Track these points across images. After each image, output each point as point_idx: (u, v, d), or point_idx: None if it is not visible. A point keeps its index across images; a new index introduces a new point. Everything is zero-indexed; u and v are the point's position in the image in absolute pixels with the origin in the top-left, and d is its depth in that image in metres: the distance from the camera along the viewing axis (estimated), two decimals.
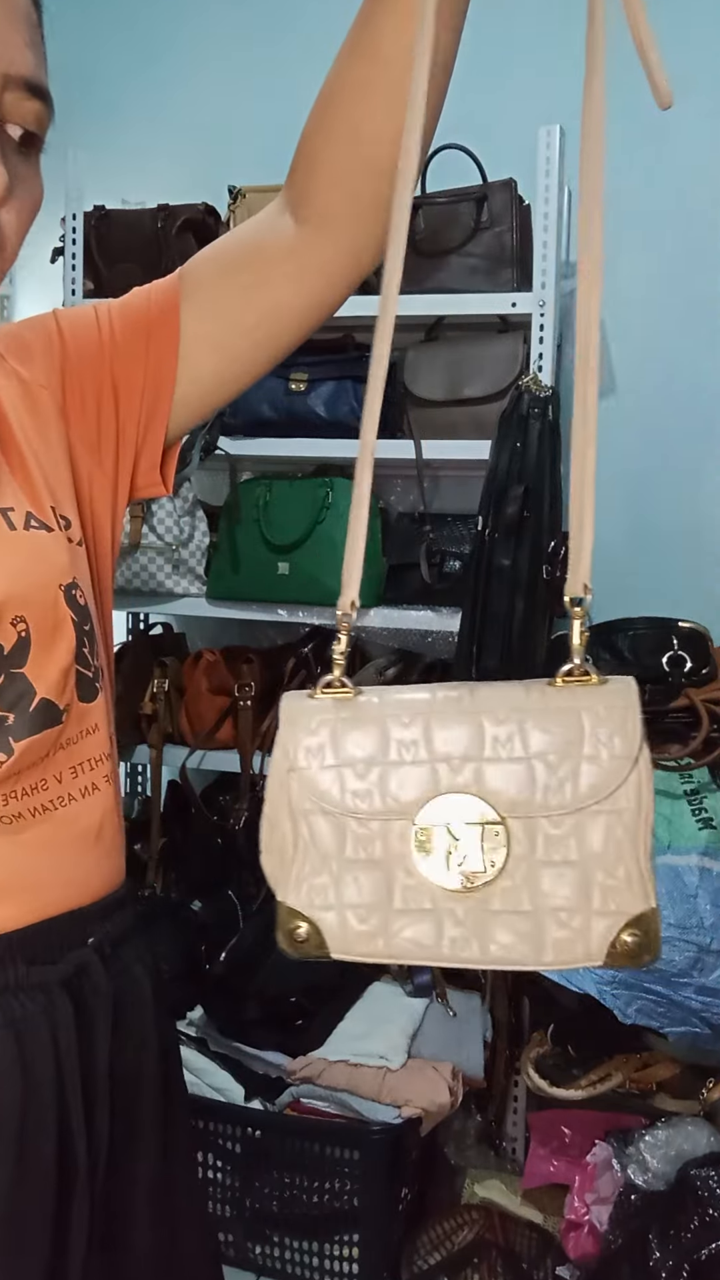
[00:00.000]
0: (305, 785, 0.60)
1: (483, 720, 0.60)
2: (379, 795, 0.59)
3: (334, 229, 0.81)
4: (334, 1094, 1.84)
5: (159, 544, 2.19)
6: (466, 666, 1.89)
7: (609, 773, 0.59)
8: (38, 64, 0.73)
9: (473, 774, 0.59)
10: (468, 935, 0.59)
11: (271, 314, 0.85)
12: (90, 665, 0.79)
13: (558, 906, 0.59)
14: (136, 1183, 0.82)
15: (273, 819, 0.61)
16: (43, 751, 0.76)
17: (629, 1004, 1.56)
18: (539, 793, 0.59)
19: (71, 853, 0.79)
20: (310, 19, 2.40)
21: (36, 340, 0.85)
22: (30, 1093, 0.74)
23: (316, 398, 2.10)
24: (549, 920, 0.59)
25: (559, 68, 2.17)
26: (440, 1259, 1.80)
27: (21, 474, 0.79)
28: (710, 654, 1.74)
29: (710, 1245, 1.50)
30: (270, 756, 0.62)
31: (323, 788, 0.60)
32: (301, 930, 0.59)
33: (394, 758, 0.60)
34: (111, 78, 2.59)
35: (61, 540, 0.79)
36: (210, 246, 0.88)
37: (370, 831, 0.59)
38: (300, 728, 0.61)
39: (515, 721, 0.60)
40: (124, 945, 0.83)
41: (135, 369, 0.85)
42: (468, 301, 2.00)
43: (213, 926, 2.13)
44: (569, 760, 0.59)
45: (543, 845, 0.59)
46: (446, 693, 0.61)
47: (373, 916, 0.59)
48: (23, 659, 0.73)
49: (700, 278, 2.22)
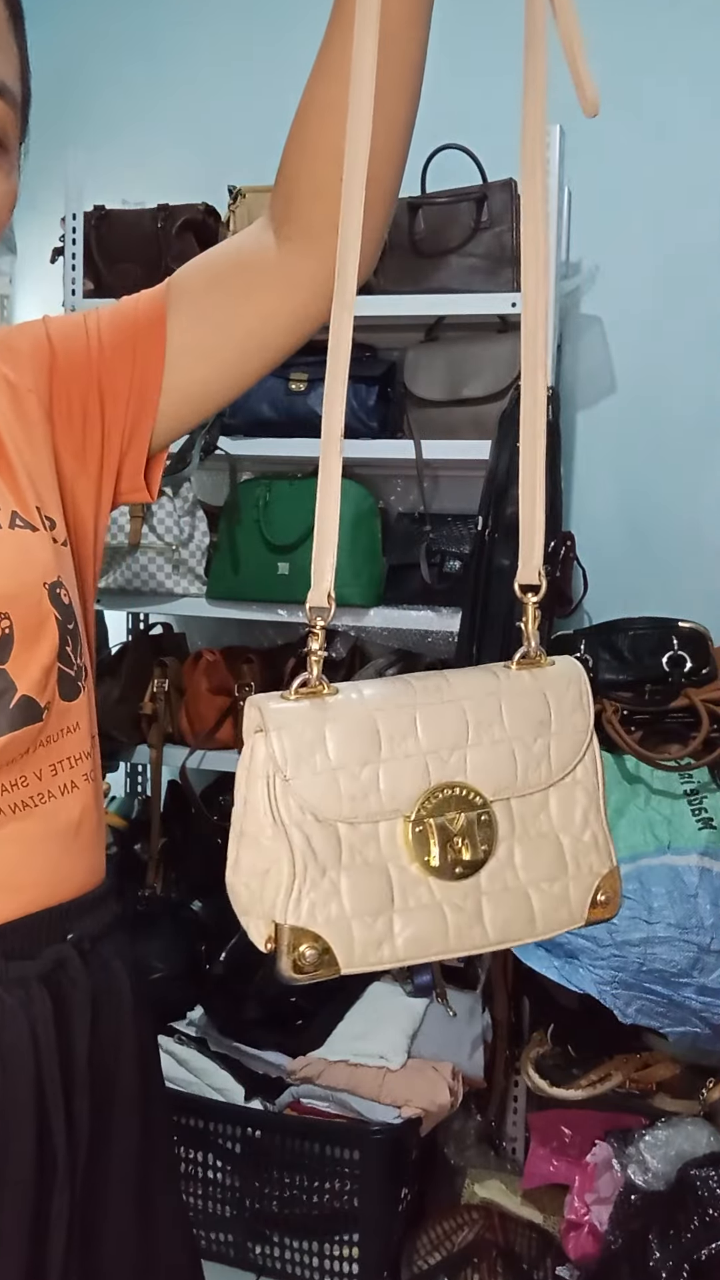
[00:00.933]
0: (296, 794, 0.57)
1: (464, 707, 0.61)
2: (374, 796, 0.58)
3: (317, 243, 0.82)
4: (334, 1094, 1.84)
5: (159, 544, 2.19)
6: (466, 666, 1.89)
7: (572, 746, 0.63)
8: (5, 64, 0.74)
9: (460, 762, 0.60)
10: (470, 920, 0.59)
11: (259, 326, 0.86)
12: (73, 664, 0.80)
13: (539, 877, 0.62)
14: (112, 1179, 0.83)
15: (256, 836, 0.58)
16: (22, 748, 0.76)
17: (629, 1004, 1.56)
18: (519, 773, 0.62)
19: (50, 849, 0.80)
20: (310, 19, 2.39)
21: (25, 345, 0.87)
22: (7, 1087, 0.75)
23: (316, 398, 2.10)
24: (533, 891, 0.61)
25: (559, 68, 2.17)
26: (440, 1259, 1.80)
27: (7, 475, 0.80)
28: (710, 654, 1.74)
29: (710, 1245, 1.51)
30: (246, 765, 0.59)
31: (316, 795, 0.57)
32: (307, 951, 0.56)
33: (386, 755, 0.59)
34: (111, 78, 2.59)
35: (46, 540, 0.79)
36: (199, 257, 0.89)
37: (365, 834, 0.58)
38: (286, 732, 0.57)
39: (493, 706, 0.62)
40: (104, 941, 0.84)
41: (121, 377, 0.86)
42: (468, 301, 2.00)
43: (213, 926, 2.13)
44: (541, 738, 0.62)
45: (521, 823, 0.62)
46: (424, 682, 0.62)
47: (379, 922, 0.58)
48: (5, 656, 0.74)
49: (701, 278, 2.22)
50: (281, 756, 0.57)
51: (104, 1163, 0.82)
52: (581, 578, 2.09)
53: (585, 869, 0.63)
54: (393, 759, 0.59)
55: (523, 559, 0.65)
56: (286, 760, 0.57)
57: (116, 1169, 0.83)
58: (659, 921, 1.55)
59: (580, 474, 2.30)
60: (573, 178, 2.10)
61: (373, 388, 2.10)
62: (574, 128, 2.04)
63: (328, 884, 0.57)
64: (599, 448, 2.30)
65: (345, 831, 0.57)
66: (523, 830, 0.61)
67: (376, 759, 0.59)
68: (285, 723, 0.57)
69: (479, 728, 0.61)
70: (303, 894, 0.56)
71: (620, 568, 2.18)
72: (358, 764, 0.58)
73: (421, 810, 0.59)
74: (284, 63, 2.51)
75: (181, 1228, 0.93)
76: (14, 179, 0.78)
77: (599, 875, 0.63)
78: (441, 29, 0.77)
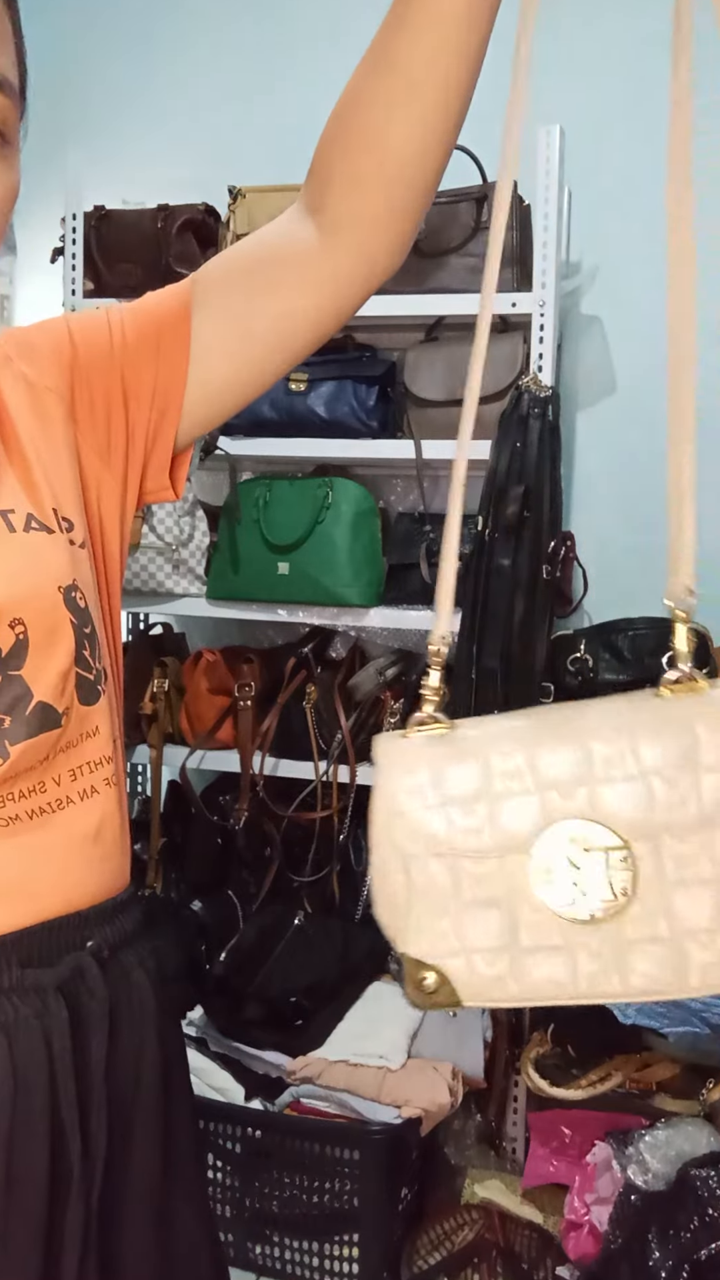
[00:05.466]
0: (411, 829, 0.57)
1: (589, 741, 0.57)
2: (489, 831, 0.57)
3: (349, 236, 0.81)
4: (334, 1094, 1.84)
5: (159, 544, 2.19)
6: (466, 666, 1.89)
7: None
8: (2, 56, 0.74)
9: (586, 798, 0.56)
10: (606, 968, 0.56)
11: (283, 320, 0.84)
12: (91, 668, 0.79)
13: (697, 928, 0.56)
14: (131, 1190, 0.81)
15: (382, 869, 0.58)
16: (41, 755, 0.75)
17: (629, 1004, 1.56)
18: (660, 810, 0.56)
19: (69, 856, 0.78)
20: (311, 19, 2.40)
21: (46, 343, 0.85)
22: (21, 1096, 0.73)
23: (316, 398, 2.10)
24: (690, 943, 0.56)
25: (559, 68, 2.17)
26: (440, 1259, 1.80)
27: (24, 476, 0.79)
28: (710, 654, 1.74)
29: (710, 1245, 1.50)
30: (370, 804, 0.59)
31: (430, 829, 0.57)
32: (430, 980, 0.57)
33: (499, 789, 0.57)
34: (112, 78, 2.59)
35: (62, 542, 0.78)
36: (224, 252, 0.88)
37: (486, 870, 0.57)
38: (399, 768, 0.58)
39: (625, 738, 0.56)
40: (125, 950, 0.82)
41: (145, 374, 0.85)
42: (468, 301, 2.00)
43: (213, 926, 2.13)
44: (688, 773, 0.56)
45: (672, 865, 0.56)
46: (546, 716, 0.59)
47: (500, 960, 0.56)
48: (20, 661, 0.73)
49: (705, 277, 2.22)
50: (395, 792, 0.58)
51: (122, 1177, 0.80)
52: (581, 578, 2.09)
53: None
54: (509, 794, 0.57)
55: (672, 572, 0.58)
56: (401, 795, 0.58)
57: (135, 1185, 0.81)
58: None
59: (580, 474, 2.30)
60: (573, 178, 2.10)
61: (373, 388, 2.10)
62: (575, 128, 2.04)
63: (447, 919, 0.57)
64: (599, 448, 2.29)
65: (468, 866, 0.57)
66: (676, 874, 0.55)
67: (489, 793, 0.57)
68: (400, 759, 0.58)
69: (608, 763, 0.56)
70: (421, 926, 0.57)
71: (620, 568, 2.18)
72: (471, 799, 0.57)
73: (542, 846, 0.56)
74: (284, 64, 2.51)
75: (206, 1248, 0.89)
76: (16, 171, 0.78)
77: None
78: None
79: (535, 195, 1.95)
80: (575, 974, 0.56)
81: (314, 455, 2.16)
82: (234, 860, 2.22)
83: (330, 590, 2.06)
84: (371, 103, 0.76)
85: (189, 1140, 0.89)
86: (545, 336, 1.94)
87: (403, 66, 0.74)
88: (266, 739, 2.13)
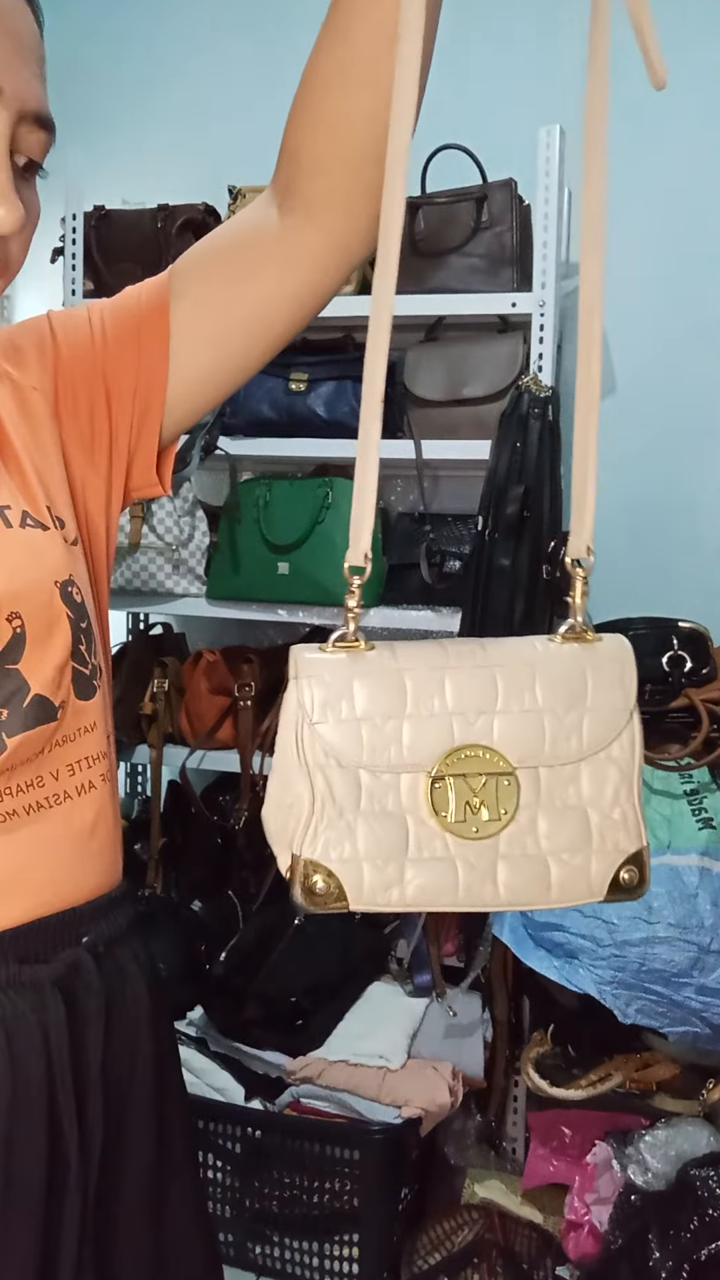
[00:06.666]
0: (321, 739, 0.60)
1: (495, 674, 0.62)
2: (395, 749, 0.60)
3: (321, 217, 0.80)
4: (334, 1094, 1.84)
5: (159, 544, 2.19)
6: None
7: (609, 724, 0.63)
8: (44, 95, 0.75)
9: (486, 726, 0.61)
10: (482, 878, 0.61)
11: (262, 306, 0.84)
12: (87, 663, 0.79)
13: (561, 847, 0.62)
14: (125, 1186, 0.82)
15: (284, 774, 0.61)
16: (37, 748, 0.76)
17: (629, 1004, 1.56)
18: (548, 743, 0.62)
19: (65, 851, 0.79)
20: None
21: (29, 343, 0.86)
22: (19, 1090, 0.74)
23: (316, 398, 2.10)
24: (553, 861, 0.62)
25: (559, 68, 2.17)
26: (440, 1259, 1.80)
27: (17, 474, 0.79)
28: (710, 654, 1.74)
29: (710, 1245, 1.50)
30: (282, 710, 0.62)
31: (339, 742, 0.60)
32: (319, 884, 0.60)
33: (410, 711, 0.61)
34: (112, 78, 2.59)
35: (57, 539, 0.79)
36: (200, 242, 0.88)
37: (385, 783, 0.60)
38: (315, 680, 0.61)
39: (526, 676, 0.62)
40: (119, 945, 0.83)
41: (126, 369, 0.85)
42: (468, 301, 2.00)
43: (213, 926, 2.13)
44: (574, 712, 0.62)
45: (547, 792, 0.62)
46: (459, 648, 0.63)
47: (390, 867, 0.60)
48: (17, 655, 0.74)
49: (701, 279, 2.22)
50: (310, 703, 0.60)
51: (117, 1170, 0.81)
52: None
53: (610, 846, 0.63)
54: (417, 716, 0.61)
55: (573, 532, 0.66)
56: (314, 707, 0.60)
57: (130, 1177, 0.82)
58: (659, 921, 1.55)
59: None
60: (573, 178, 2.10)
61: None
62: (575, 128, 2.04)
63: (344, 825, 0.60)
64: (599, 448, 2.29)
65: (366, 779, 0.60)
66: (549, 800, 0.62)
67: (401, 714, 0.61)
68: (316, 672, 0.61)
69: (509, 695, 0.62)
70: (318, 830, 0.60)
71: (620, 568, 2.18)
72: (382, 717, 0.61)
73: (443, 767, 0.60)
74: (284, 63, 2.51)
75: (200, 1241, 0.90)
76: (39, 196, 0.79)
77: (625, 853, 0.63)
78: (442, 30, 0.77)
79: (535, 195, 1.95)
80: (456, 884, 0.60)
81: (314, 455, 2.16)
82: (234, 860, 2.22)
83: (330, 590, 2.06)
84: (328, 81, 0.76)
85: (183, 1134, 0.90)
86: (545, 336, 1.94)
87: (355, 38, 0.73)
88: (266, 739, 2.13)
